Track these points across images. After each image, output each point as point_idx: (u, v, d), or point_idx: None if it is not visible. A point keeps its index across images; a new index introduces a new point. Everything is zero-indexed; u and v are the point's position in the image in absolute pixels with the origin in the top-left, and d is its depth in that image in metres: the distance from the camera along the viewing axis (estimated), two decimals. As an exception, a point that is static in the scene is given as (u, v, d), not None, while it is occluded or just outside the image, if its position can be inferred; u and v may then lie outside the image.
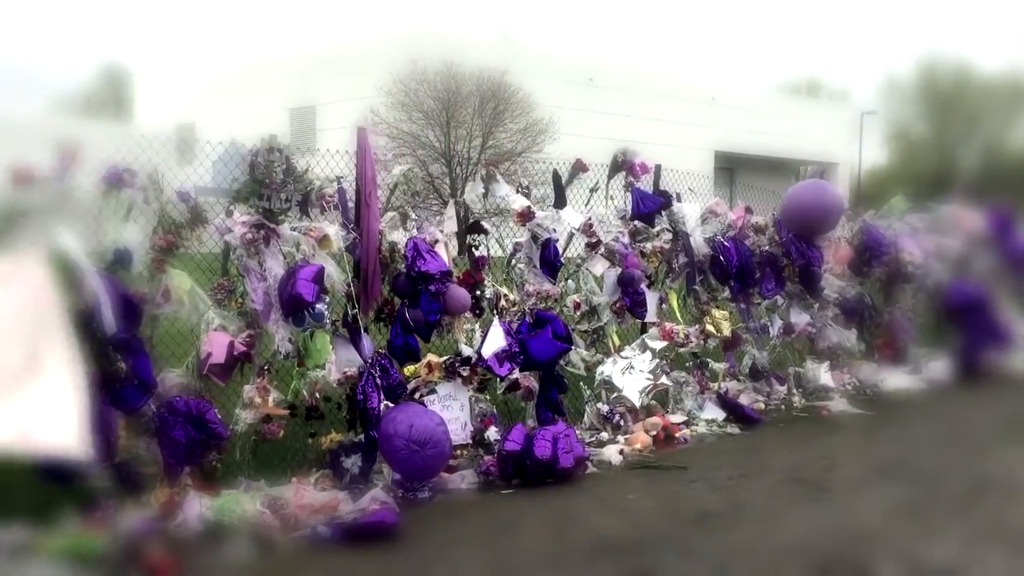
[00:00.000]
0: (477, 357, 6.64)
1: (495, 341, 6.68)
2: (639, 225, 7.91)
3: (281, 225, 5.75)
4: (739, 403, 8.19)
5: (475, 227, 6.83)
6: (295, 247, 5.79)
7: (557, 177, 7.38)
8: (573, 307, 7.64)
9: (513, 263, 7.22)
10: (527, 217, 7.00)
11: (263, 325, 5.63)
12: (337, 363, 6.03)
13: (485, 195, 6.92)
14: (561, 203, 7.37)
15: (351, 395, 6.04)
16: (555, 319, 6.94)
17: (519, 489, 5.90)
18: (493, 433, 6.47)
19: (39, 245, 4.64)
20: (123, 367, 5.10)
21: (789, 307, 9.52)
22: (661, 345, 7.78)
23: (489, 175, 6.86)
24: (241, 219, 5.56)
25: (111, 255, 5.10)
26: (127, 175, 5.17)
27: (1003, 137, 41.17)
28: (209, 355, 5.42)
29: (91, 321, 4.86)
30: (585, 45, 35.26)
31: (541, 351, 6.78)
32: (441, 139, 29.80)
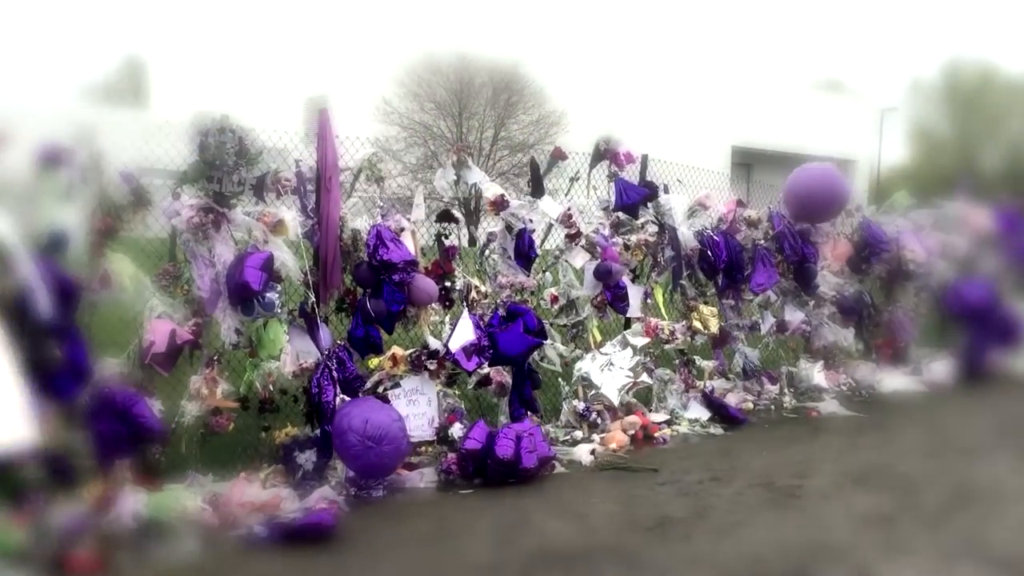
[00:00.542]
0: (445, 350, 6.39)
1: (463, 334, 6.43)
2: (622, 217, 7.61)
3: (233, 210, 5.51)
4: (724, 403, 7.90)
5: (445, 215, 6.56)
6: (248, 233, 5.54)
7: (535, 165, 7.11)
8: (550, 300, 7.37)
9: (487, 254, 6.94)
10: (500, 206, 6.72)
11: (210, 313, 5.38)
12: (292, 354, 5.80)
13: (457, 182, 6.64)
14: (539, 192, 7.08)
15: (308, 388, 5.80)
16: (528, 312, 6.67)
17: (479, 489, 5.64)
18: (457, 430, 6.21)
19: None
20: (57, 354, 4.86)
21: (783, 304, 9.22)
22: (643, 342, 7.49)
23: (460, 161, 6.58)
24: (189, 202, 5.32)
25: (46, 238, 4.86)
26: (64, 154, 4.93)
27: (1027, 137, 40.53)
28: (152, 344, 5.18)
29: (23, 306, 4.63)
30: (602, 37, 34.72)
31: (511, 345, 6.52)
32: (453, 130, 29.59)
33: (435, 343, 6.44)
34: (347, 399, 5.78)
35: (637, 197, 7.54)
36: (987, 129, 43.93)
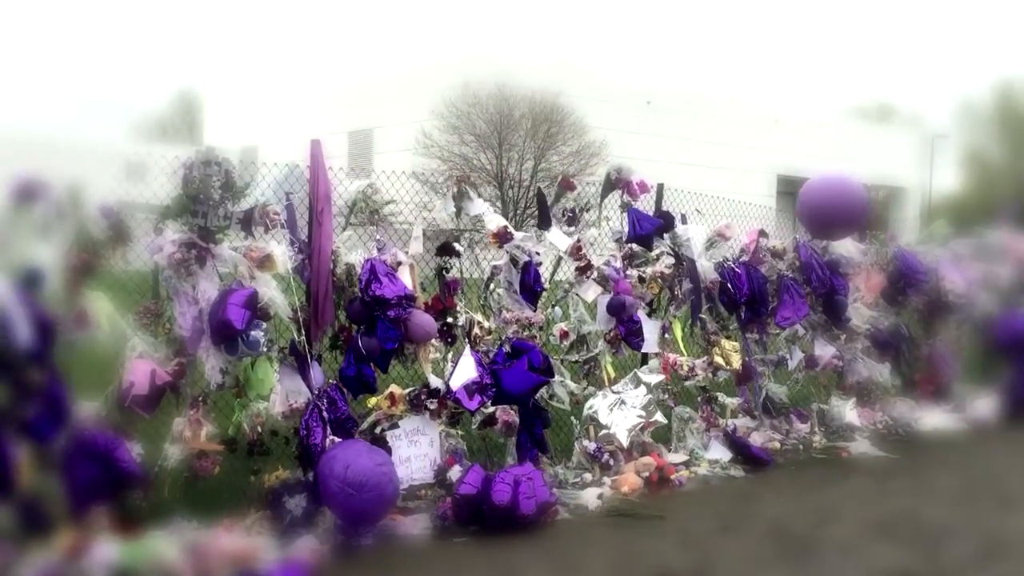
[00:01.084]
0: (446, 389, 6.14)
1: (465, 372, 6.17)
2: (636, 249, 7.32)
3: (219, 244, 5.33)
4: (747, 443, 7.52)
5: (446, 248, 6.33)
6: (234, 269, 5.36)
7: (541, 196, 6.85)
8: (560, 336, 7.08)
9: (491, 288, 6.69)
10: (504, 238, 6.47)
11: (192, 353, 5.19)
12: (282, 394, 5.59)
13: (458, 214, 6.41)
14: (546, 224, 6.82)
15: (298, 429, 5.57)
16: (533, 349, 6.39)
17: (474, 537, 5.35)
18: (456, 473, 5.94)
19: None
20: (36, 389, 4.69)
21: (813, 338, 8.82)
22: (656, 379, 7.15)
23: (461, 192, 6.35)
24: (171, 238, 5.15)
25: (20, 274, 4.71)
26: (40, 188, 4.79)
27: (1084, 161, 39.38)
28: (132, 385, 5.00)
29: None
30: (644, 67, 34.72)
31: (515, 383, 6.23)
32: (493, 162, 29.55)
33: (436, 381, 6.19)
34: (338, 441, 5.53)
35: (651, 228, 7.24)
36: (1042, 153, 42.86)
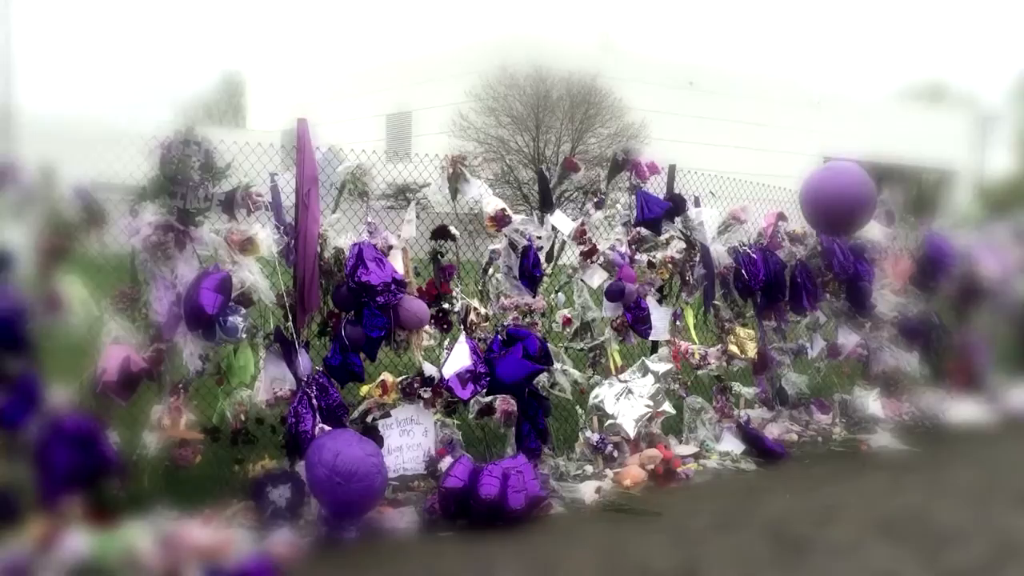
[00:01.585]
0: (440, 377, 5.95)
1: (459, 360, 5.98)
2: (645, 233, 7.04)
3: (200, 227, 5.17)
4: (760, 435, 7.22)
5: (441, 232, 6.12)
6: (215, 252, 5.20)
7: (543, 178, 6.60)
8: (563, 323, 6.84)
9: (489, 273, 6.47)
10: (501, 222, 6.24)
11: (168, 339, 5.05)
12: (266, 381, 5.44)
13: (454, 196, 6.19)
14: (547, 206, 6.57)
15: (285, 418, 5.42)
16: (529, 336, 6.16)
17: (461, 532, 5.15)
18: (447, 464, 5.74)
19: None
20: (3, 379, 4.59)
21: (836, 326, 8.48)
22: (665, 368, 6.89)
23: (456, 174, 6.12)
24: (148, 220, 5.00)
25: (-10, 258, 4.61)
26: (9, 170, 4.67)
27: None
28: (104, 371, 4.87)
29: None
30: (686, 47, 34.19)
31: (509, 372, 6.02)
32: (530, 144, 29.26)
33: (430, 369, 6.00)
34: (328, 429, 5.36)
35: (660, 211, 6.95)
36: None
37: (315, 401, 5.32)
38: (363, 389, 5.91)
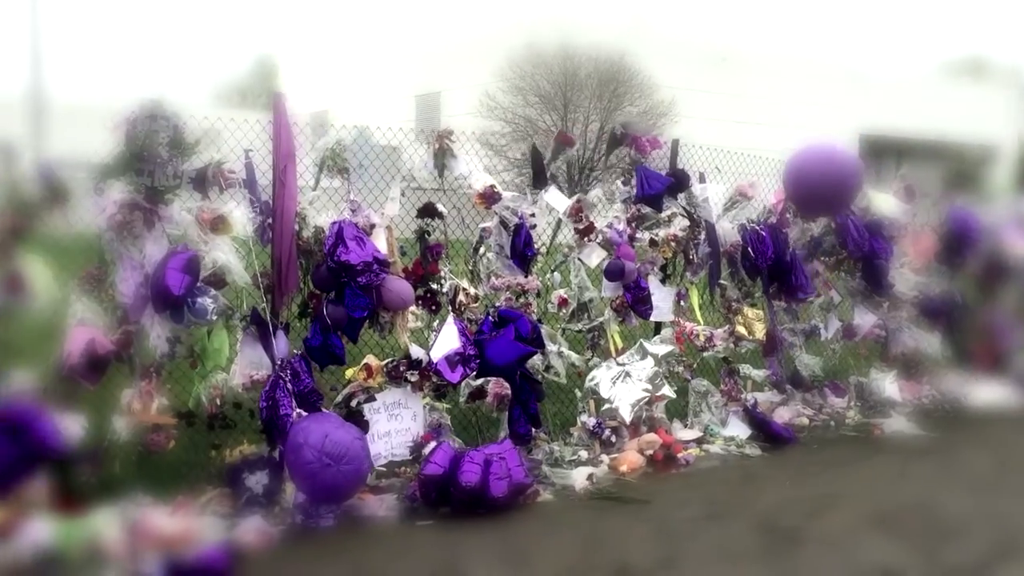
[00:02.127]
0: (428, 360, 5.76)
1: (447, 342, 5.77)
2: (646, 210, 6.78)
3: (170, 205, 5.00)
4: (766, 419, 6.96)
5: (427, 210, 5.90)
6: (186, 231, 5.04)
7: (536, 154, 6.35)
8: (558, 303, 6.60)
9: (480, 252, 6.25)
10: (491, 199, 6.02)
11: (135, 321, 4.89)
12: (242, 365, 5.28)
13: (441, 173, 5.97)
14: (541, 183, 6.33)
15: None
16: (520, 318, 5.94)
17: (441, 521, 4.97)
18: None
19: None
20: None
21: (853, 306, 8.17)
22: (665, 350, 6.64)
23: (443, 149, 5.89)
24: (114, 198, 4.84)
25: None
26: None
27: None
28: (69, 354, 4.73)
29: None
30: (720, 24, 33.66)
31: (500, 354, 5.81)
32: (558, 123, 28.92)
33: (418, 352, 5.81)
34: (303, 414, 5.19)
35: (660, 187, 6.68)
36: None
37: (290, 386, 5.14)
38: (348, 372, 5.75)
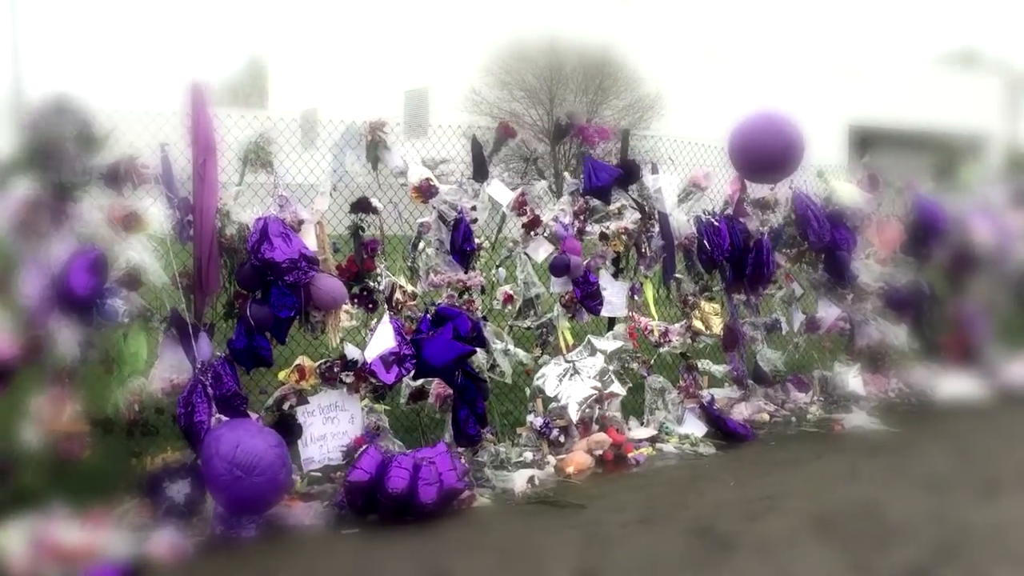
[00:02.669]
0: (364, 361, 5.55)
1: (382, 341, 5.55)
2: (595, 202, 6.57)
3: (80, 203, 4.78)
4: (722, 416, 6.75)
5: (361, 205, 5.69)
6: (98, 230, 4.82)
7: (477, 145, 6.13)
8: (503, 300, 6.39)
9: (420, 248, 6.04)
10: (427, 193, 5.80)
11: (42, 324, 4.67)
12: (161, 368, 5.07)
13: (375, 167, 5.75)
14: (481, 175, 6.11)
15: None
16: (459, 315, 5.72)
17: (368, 528, 4.76)
18: (362, 454, 5.33)
19: None
20: None
21: (817, 299, 7.97)
22: (613, 346, 6.44)
23: (375, 141, 5.67)
24: (17, 196, 4.62)
25: None
26: None
27: None
28: (-29, 360, 4.52)
29: None
30: (708, 16, 33.37)
31: (436, 354, 5.58)
32: (544, 118, 28.71)
33: (353, 352, 5.60)
34: (225, 419, 4.99)
35: (608, 179, 6.47)
36: None
37: (210, 390, 4.94)
38: (280, 374, 5.54)
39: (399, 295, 5.77)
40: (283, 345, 5.43)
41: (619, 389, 6.36)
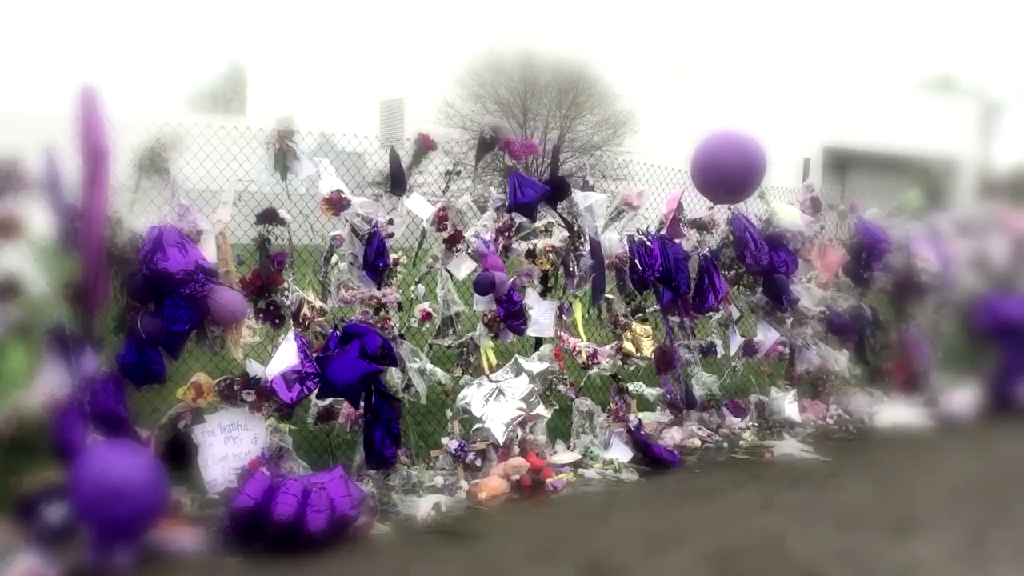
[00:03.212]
0: (267, 378, 5.31)
1: (284, 359, 5.32)
2: (521, 219, 6.37)
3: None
4: (648, 441, 6.55)
5: (268, 216, 5.46)
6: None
7: (395, 157, 5.92)
8: (421, 317, 6.17)
9: (332, 262, 5.82)
10: (338, 205, 5.58)
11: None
12: (41, 384, 4.81)
13: (283, 176, 5.53)
14: (399, 188, 5.90)
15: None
16: (368, 333, 5.49)
17: (253, 557, 4.51)
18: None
19: None
20: None
21: (756, 322, 7.81)
22: (540, 368, 6.23)
23: (283, 150, 5.45)
24: None
25: None
26: None
27: None
28: None
29: None
30: (683, 34, 33.39)
31: (341, 373, 5.35)
32: (517, 131, 28.58)
33: (256, 369, 5.37)
34: (99, 440, 4.73)
35: (534, 195, 6.27)
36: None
37: (87, 408, 4.69)
38: (178, 392, 5.30)
39: (307, 310, 5.54)
40: (177, 360, 5.19)
41: (544, 411, 6.15)
